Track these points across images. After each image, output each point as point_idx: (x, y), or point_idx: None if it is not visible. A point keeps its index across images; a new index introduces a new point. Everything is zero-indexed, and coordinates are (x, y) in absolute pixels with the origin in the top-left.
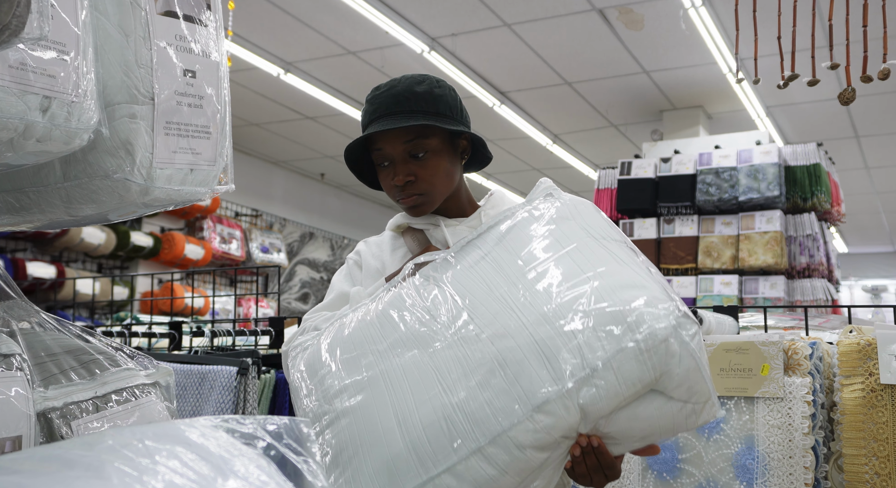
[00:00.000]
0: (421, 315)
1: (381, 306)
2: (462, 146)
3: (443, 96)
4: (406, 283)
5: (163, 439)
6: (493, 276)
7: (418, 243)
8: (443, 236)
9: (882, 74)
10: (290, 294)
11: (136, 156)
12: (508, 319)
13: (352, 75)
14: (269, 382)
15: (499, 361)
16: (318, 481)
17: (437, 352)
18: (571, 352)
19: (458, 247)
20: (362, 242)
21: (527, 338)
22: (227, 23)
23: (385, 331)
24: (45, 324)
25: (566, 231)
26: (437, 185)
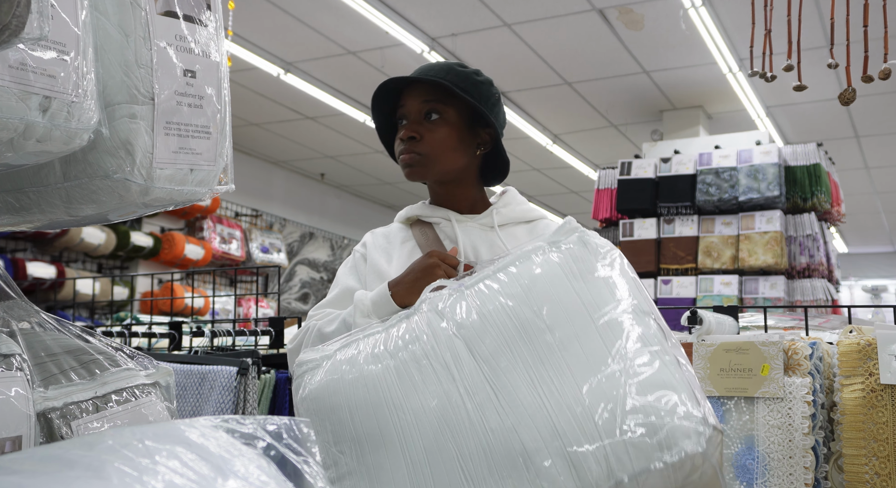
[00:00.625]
0: (441, 372)
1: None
2: (482, 138)
3: (481, 84)
4: (422, 323)
5: (163, 439)
6: (516, 340)
7: (427, 238)
8: (453, 231)
9: (883, 74)
10: (290, 294)
11: (136, 156)
12: (534, 407)
13: (352, 75)
14: (269, 382)
15: (523, 457)
16: (319, 481)
17: (460, 433)
18: (597, 461)
19: (479, 278)
20: (369, 233)
21: (553, 435)
22: (227, 23)
23: (404, 387)
24: (45, 324)
25: (596, 296)
26: (438, 154)
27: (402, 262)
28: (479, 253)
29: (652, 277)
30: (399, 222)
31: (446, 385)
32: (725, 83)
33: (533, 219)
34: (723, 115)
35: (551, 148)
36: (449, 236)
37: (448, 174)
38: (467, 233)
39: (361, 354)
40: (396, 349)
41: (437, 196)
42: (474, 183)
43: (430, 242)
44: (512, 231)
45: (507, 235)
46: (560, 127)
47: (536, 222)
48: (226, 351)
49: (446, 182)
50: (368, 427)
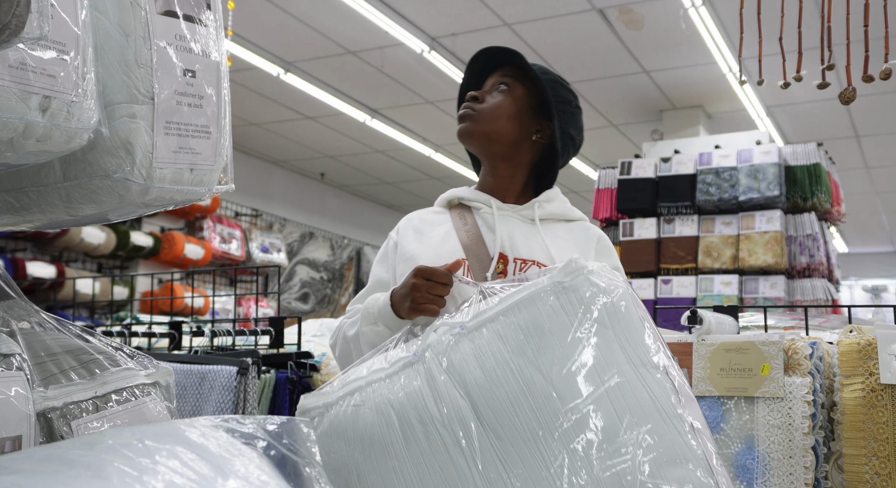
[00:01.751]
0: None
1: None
2: (541, 125)
3: (559, 83)
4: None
5: (163, 439)
6: (523, 405)
7: (465, 223)
8: (492, 219)
9: (883, 74)
10: (289, 294)
11: (136, 156)
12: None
13: (352, 75)
14: (269, 382)
15: None
16: (318, 481)
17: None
18: None
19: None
20: (404, 218)
21: None
22: (227, 23)
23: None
24: (45, 324)
25: (605, 352)
26: (492, 118)
27: (434, 244)
28: (515, 244)
29: (652, 277)
30: (440, 205)
31: (455, 456)
32: (725, 83)
33: (573, 219)
34: (723, 115)
35: None
36: (488, 223)
37: (496, 143)
38: (506, 222)
39: (365, 407)
40: (402, 408)
41: (485, 182)
42: (525, 172)
43: (468, 228)
44: (552, 228)
45: (547, 231)
46: None
47: (576, 223)
48: (226, 350)
49: (497, 158)
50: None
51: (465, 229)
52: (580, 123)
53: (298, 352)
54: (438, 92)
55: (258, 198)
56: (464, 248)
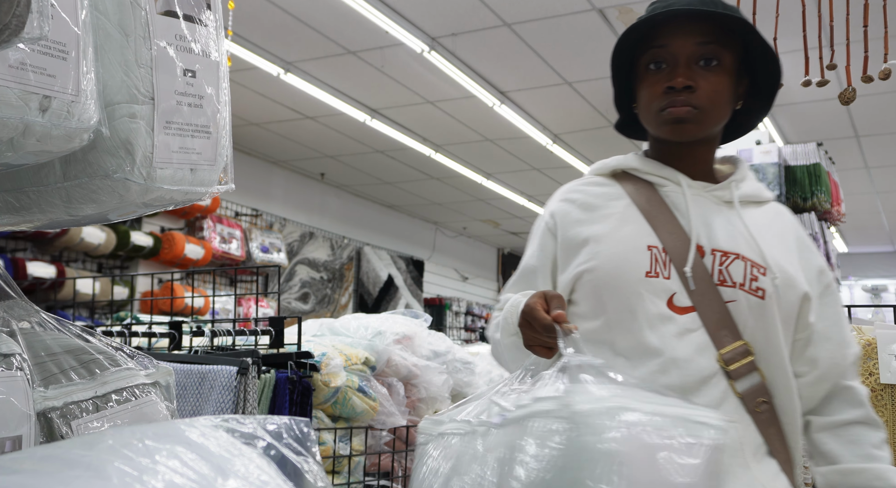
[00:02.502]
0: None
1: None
2: (742, 87)
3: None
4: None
5: (163, 439)
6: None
7: (650, 203)
8: (682, 201)
9: (883, 74)
10: (290, 294)
11: (136, 156)
12: None
13: (352, 75)
14: (269, 382)
15: None
16: (318, 481)
17: None
18: None
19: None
20: (559, 199)
21: None
22: (227, 22)
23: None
24: (45, 324)
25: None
26: (713, 108)
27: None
28: (714, 234)
29: None
30: (599, 174)
31: None
32: None
33: (765, 200)
34: None
35: (551, 147)
36: (676, 205)
37: (711, 130)
38: (699, 205)
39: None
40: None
41: (661, 150)
42: (717, 143)
43: (655, 209)
44: (750, 212)
45: (747, 216)
46: (560, 127)
47: (769, 206)
48: (226, 350)
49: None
50: None
51: (651, 211)
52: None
53: (298, 352)
54: (438, 92)
55: (258, 198)
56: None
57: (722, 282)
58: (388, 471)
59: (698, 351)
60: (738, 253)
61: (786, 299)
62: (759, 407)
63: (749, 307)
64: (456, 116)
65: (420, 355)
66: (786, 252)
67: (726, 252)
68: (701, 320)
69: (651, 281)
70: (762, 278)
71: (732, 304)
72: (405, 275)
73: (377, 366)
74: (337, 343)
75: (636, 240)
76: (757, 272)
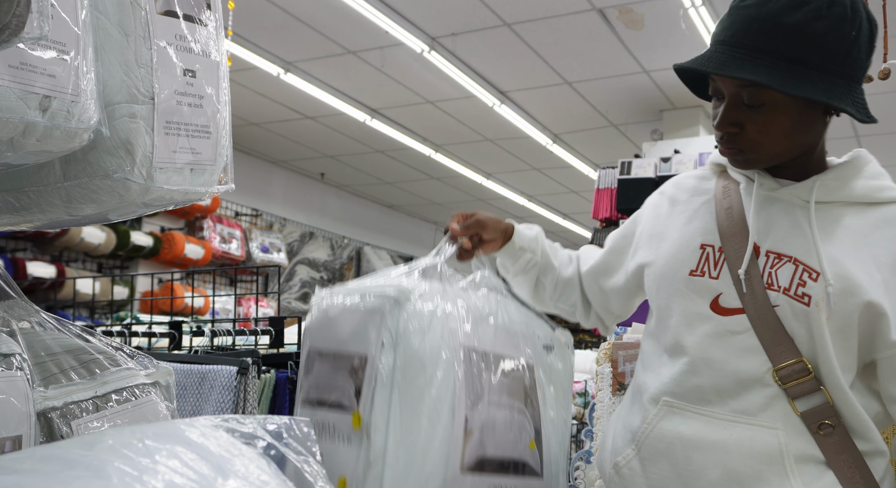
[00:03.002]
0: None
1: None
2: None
3: (822, 34)
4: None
5: (163, 439)
6: None
7: (728, 197)
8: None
9: (882, 74)
10: (290, 294)
11: (136, 156)
12: None
13: (352, 75)
14: (269, 382)
15: None
16: (318, 481)
17: None
18: None
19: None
20: (658, 193)
21: None
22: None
23: None
24: (45, 324)
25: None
26: (768, 145)
27: (684, 221)
28: (775, 235)
29: None
30: (709, 168)
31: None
32: None
33: (881, 202)
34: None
35: (551, 147)
36: (750, 204)
37: (786, 157)
38: (764, 205)
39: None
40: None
41: None
42: (815, 148)
43: (730, 206)
44: (837, 213)
45: (828, 219)
46: (560, 127)
47: (886, 208)
48: (226, 350)
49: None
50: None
51: (727, 207)
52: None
53: (298, 352)
54: (438, 92)
55: (258, 198)
56: (719, 232)
57: (769, 286)
58: None
59: (739, 353)
60: (791, 255)
61: (841, 308)
62: (823, 429)
63: (794, 314)
64: (456, 116)
65: None
66: (864, 260)
67: (780, 254)
68: (750, 323)
69: (694, 280)
70: (811, 284)
71: (778, 309)
72: None
73: None
74: None
75: (693, 239)
76: (807, 277)
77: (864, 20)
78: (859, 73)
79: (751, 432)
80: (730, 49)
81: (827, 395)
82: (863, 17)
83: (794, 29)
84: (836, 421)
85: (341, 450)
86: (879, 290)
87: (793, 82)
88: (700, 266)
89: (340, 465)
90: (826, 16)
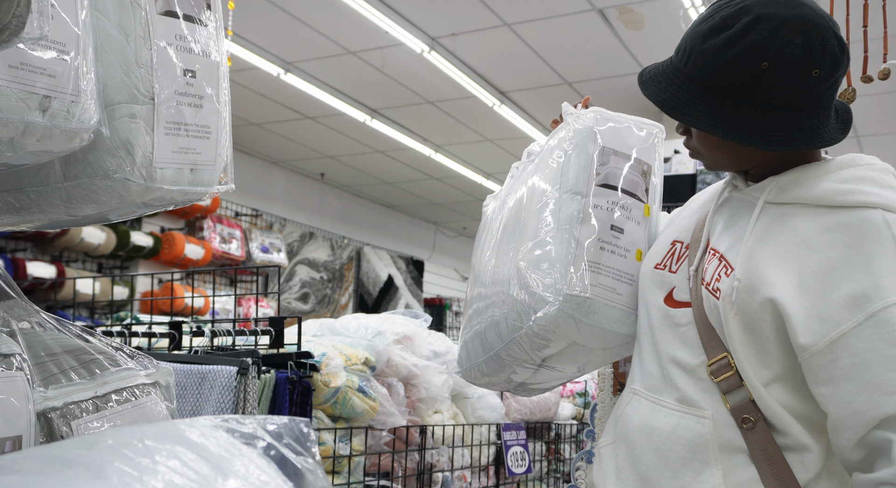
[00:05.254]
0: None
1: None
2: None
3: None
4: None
5: (163, 439)
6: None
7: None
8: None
9: (882, 74)
10: (290, 294)
11: (136, 156)
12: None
13: (352, 75)
14: (269, 382)
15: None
16: (318, 481)
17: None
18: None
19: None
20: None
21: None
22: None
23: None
24: (45, 324)
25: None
26: (707, 155)
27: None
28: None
29: None
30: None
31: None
32: None
33: (841, 206)
34: None
35: None
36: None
37: (740, 165)
38: (725, 205)
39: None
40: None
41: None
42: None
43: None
44: (788, 214)
45: (776, 218)
46: None
47: (846, 212)
48: (226, 350)
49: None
50: None
51: (710, 208)
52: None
53: (298, 352)
54: (438, 92)
55: (258, 198)
56: (696, 231)
57: (703, 280)
58: (388, 471)
59: (680, 346)
60: (720, 251)
61: (746, 305)
62: (746, 424)
63: (709, 308)
64: (456, 116)
65: (420, 355)
66: (789, 261)
67: (715, 250)
68: (693, 317)
69: (657, 272)
70: (724, 279)
71: (704, 303)
72: (405, 275)
73: (377, 367)
74: (337, 343)
75: (670, 236)
76: (723, 273)
77: (794, 46)
78: (780, 98)
79: (685, 420)
80: (654, 76)
81: (748, 391)
82: (785, 44)
83: (704, 54)
84: (756, 417)
85: (634, 229)
86: (789, 292)
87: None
88: (664, 260)
89: (635, 241)
90: (736, 44)
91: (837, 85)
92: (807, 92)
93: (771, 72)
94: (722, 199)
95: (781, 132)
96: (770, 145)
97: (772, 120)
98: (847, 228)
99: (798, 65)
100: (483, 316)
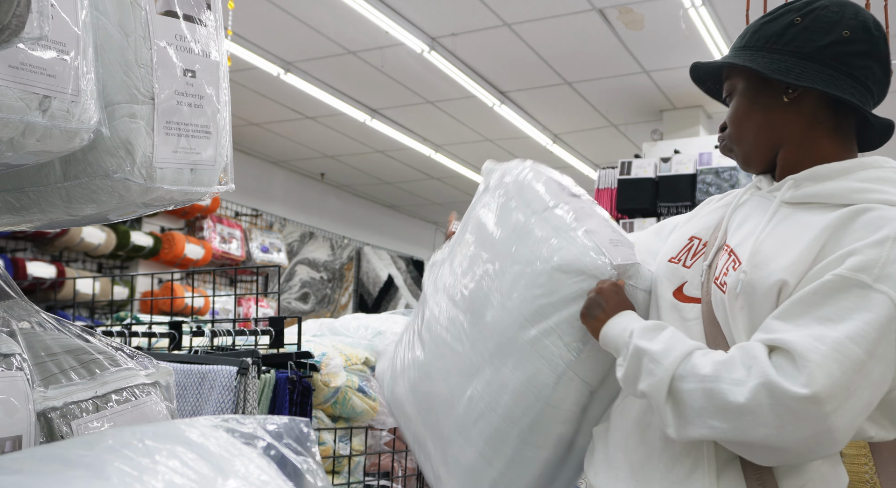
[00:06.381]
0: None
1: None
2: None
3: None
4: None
5: (163, 439)
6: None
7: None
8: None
9: None
10: (290, 294)
11: (136, 156)
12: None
13: (352, 75)
14: (269, 382)
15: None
16: (318, 480)
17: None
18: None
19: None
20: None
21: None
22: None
23: None
24: (45, 324)
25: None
26: (741, 135)
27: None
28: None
29: None
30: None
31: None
32: None
33: (844, 204)
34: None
35: (551, 148)
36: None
37: (763, 149)
38: (747, 204)
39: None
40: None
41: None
42: (797, 141)
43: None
44: (802, 214)
45: (787, 218)
46: (560, 127)
47: (847, 210)
48: (226, 350)
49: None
50: None
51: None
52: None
53: (298, 352)
54: (438, 92)
55: (258, 198)
56: (715, 229)
57: (714, 276)
58: (388, 471)
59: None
60: (731, 246)
61: (752, 297)
62: None
63: (716, 302)
64: (456, 116)
65: None
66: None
67: (727, 246)
68: (701, 312)
69: (671, 266)
70: (732, 273)
71: (713, 298)
72: (405, 275)
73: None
74: (337, 343)
75: (688, 232)
76: (731, 267)
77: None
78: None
79: None
80: (730, 51)
81: None
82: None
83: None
84: None
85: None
86: (798, 274)
87: (753, 61)
88: (679, 254)
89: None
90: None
91: (873, 63)
92: (832, 48)
93: (801, 26)
94: (743, 200)
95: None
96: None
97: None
98: (862, 216)
99: (828, 21)
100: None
